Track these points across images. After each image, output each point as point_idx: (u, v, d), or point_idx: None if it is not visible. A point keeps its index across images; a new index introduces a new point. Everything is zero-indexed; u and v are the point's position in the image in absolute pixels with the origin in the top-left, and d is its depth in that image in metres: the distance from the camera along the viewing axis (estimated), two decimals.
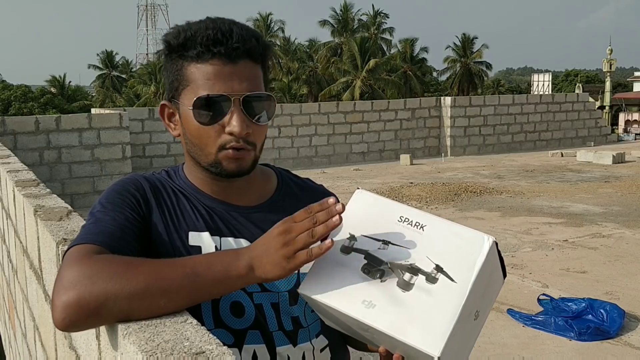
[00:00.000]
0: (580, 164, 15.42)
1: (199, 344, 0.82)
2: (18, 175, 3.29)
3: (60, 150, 11.86)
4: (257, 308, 1.18)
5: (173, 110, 1.22)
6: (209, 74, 1.13)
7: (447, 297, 0.96)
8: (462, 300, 0.96)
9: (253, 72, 1.16)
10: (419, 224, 1.04)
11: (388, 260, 1.01)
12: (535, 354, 4.58)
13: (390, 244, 1.03)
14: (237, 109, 1.13)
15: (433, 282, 0.98)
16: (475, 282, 0.97)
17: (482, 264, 0.98)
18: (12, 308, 3.46)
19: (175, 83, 1.18)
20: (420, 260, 1.00)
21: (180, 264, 0.98)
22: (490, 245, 1.00)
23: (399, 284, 0.99)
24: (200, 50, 1.13)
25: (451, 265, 0.99)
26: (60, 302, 0.93)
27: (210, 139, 1.15)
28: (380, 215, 1.07)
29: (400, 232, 1.04)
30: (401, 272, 0.99)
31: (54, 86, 50.24)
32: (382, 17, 48.13)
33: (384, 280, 0.99)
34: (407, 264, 1.00)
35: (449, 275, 0.98)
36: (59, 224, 1.81)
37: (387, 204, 1.09)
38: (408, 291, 0.98)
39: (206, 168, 1.20)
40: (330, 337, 1.28)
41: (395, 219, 1.06)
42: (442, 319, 0.94)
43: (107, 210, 1.13)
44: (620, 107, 39.15)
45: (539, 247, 7.49)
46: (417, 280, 0.98)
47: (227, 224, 1.21)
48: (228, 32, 1.13)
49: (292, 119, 16.38)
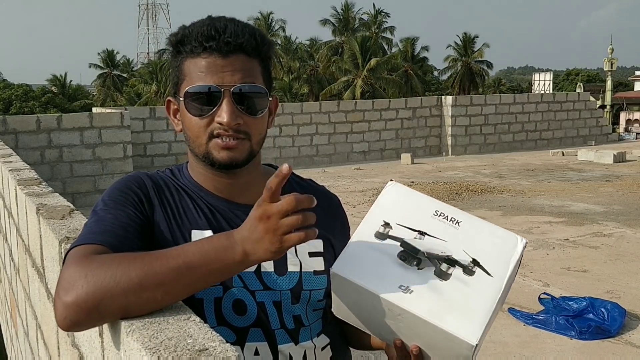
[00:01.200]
0: (581, 163, 15.41)
1: (202, 341, 0.82)
2: (20, 174, 3.30)
3: (62, 149, 11.87)
4: (259, 306, 1.18)
5: (176, 105, 1.24)
6: (201, 67, 1.16)
7: (484, 289, 0.99)
8: (498, 293, 0.99)
9: (247, 65, 1.17)
10: (455, 219, 1.06)
11: (425, 250, 1.02)
12: (536, 353, 4.58)
13: (426, 235, 1.05)
14: (227, 99, 1.15)
15: (470, 275, 1.00)
16: (509, 278, 1.01)
17: (516, 262, 1.02)
18: (14, 306, 3.46)
19: (175, 79, 1.22)
20: (457, 253, 1.02)
21: (173, 256, 0.97)
22: (524, 246, 1.04)
23: (437, 273, 1.00)
24: (194, 45, 1.16)
25: (487, 260, 1.01)
26: (61, 303, 0.94)
27: (202, 129, 1.17)
28: (415, 207, 1.09)
29: (436, 225, 1.06)
30: (438, 262, 1.01)
31: (55, 85, 50.24)
32: (383, 16, 48.11)
33: (421, 268, 1.01)
34: (444, 255, 1.02)
35: (486, 269, 1.00)
36: (61, 222, 1.81)
37: (422, 197, 1.11)
38: (446, 280, 0.99)
39: (202, 160, 1.21)
40: (332, 336, 1.29)
41: (430, 212, 1.08)
42: (480, 309, 0.97)
43: (109, 208, 1.14)
44: (621, 106, 39.13)
45: (540, 246, 7.48)
46: (454, 271, 1.00)
47: (229, 222, 1.21)
48: (222, 29, 1.16)
49: (293, 118, 16.38)
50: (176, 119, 1.26)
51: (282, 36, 47.72)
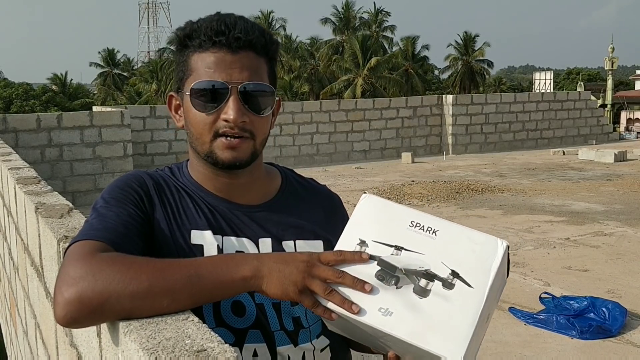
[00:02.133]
0: (582, 162, 15.41)
1: (200, 341, 0.81)
2: (19, 172, 3.29)
3: (62, 148, 11.87)
4: (258, 307, 1.17)
5: (179, 101, 1.22)
6: (209, 62, 1.14)
7: (465, 302, 0.96)
8: (480, 305, 0.96)
9: (255, 63, 1.16)
10: (431, 229, 1.03)
11: (402, 267, 1.00)
12: (537, 353, 4.58)
13: (403, 250, 1.02)
14: (234, 97, 1.13)
15: (450, 288, 0.97)
16: (492, 286, 0.97)
17: (498, 268, 0.99)
18: (14, 305, 3.46)
19: (180, 74, 1.19)
20: (435, 265, 0.99)
21: (185, 265, 0.97)
22: (504, 250, 1.00)
23: (416, 290, 0.98)
24: (202, 40, 1.14)
25: (467, 270, 0.98)
26: (62, 298, 0.93)
27: (207, 126, 1.15)
28: (390, 220, 1.06)
29: (412, 237, 1.03)
30: (417, 278, 0.98)
31: (55, 84, 50.24)
32: (384, 15, 48.08)
33: (399, 287, 0.98)
34: (422, 270, 0.99)
35: (466, 281, 0.98)
36: (60, 222, 1.80)
37: (397, 209, 1.07)
38: (425, 297, 0.97)
39: (204, 159, 1.19)
40: (332, 338, 1.27)
41: (406, 224, 1.04)
42: (462, 325, 0.94)
43: (110, 205, 1.12)
44: (622, 105, 39.10)
45: (540, 245, 7.48)
46: (433, 286, 0.97)
47: (229, 223, 1.21)
48: (232, 24, 1.14)
49: (294, 117, 16.37)
50: (178, 115, 1.24)
51: (283, 35, 47.69)
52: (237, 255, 1.01)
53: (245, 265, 0.98)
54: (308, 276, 0.97)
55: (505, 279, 1.07)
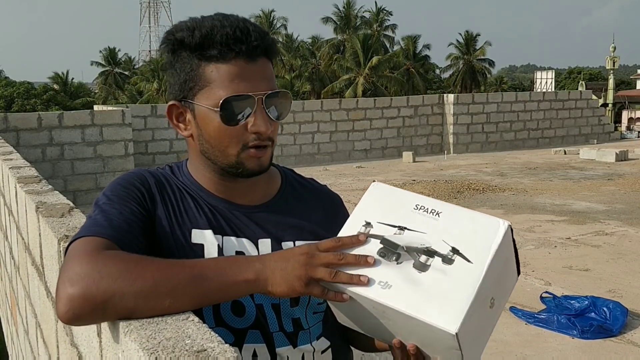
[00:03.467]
0: (583, 162, 15.41)
1: (200, 341, 0.82)
2: (20, 171, 3.29)
3: (63, 147, 11.88)
4: (257, 308, 1.17)
5: (183, 110, 1.19)
6: (232, 74, 1.11)
7: (463, 276, 0.98)
8: (478, 279, 0.97)
9: (270, 70, 1.16)
10: (435, 211, 1.06)
11: (404, 244, 1.02)
12: (538, 352, 4.58)
13: (406, 230, 1.05)
14: (260, 107, 1.13)
15: (449, 263, 0.99)
16: (491, 263, 0.99)
17: (498, 246, 1.00)
18: (15, 304, 3.46)
19: (189, 83, 1.14)
20: (437, 243, 1.02)
21: (189, 266, 0.98)
22: (506, 229, 1.02)
23: (415, 265, 1.00)
24: (221, 50, 1.11)
25: (467, 248, 1.00)
26: (66, 295, 0.92)
27: (234, 139, 1.14)
28: (396, 203, 1.09)
29: (416, 219, 1.06)
30: (417, 254, 1.01)
31: (56, 83, 50.31)
32: (385, 14, 48.09)
33: (400, 262, 1.00)
34: (423, 247, 1.02)
35: (465, 257, 0.99)
36: (60, 221, 1.80)
37: (403, 194, 1.11)
38: (424, 272, 0.99)
39: (225, 169, 1.18)
40: (332, 339, 1.27)
41: (411, 207, 1.08)
42: (459, 297, 0.95)
43: (112, 202, 1.12)
44: (623, 104, 39.07)
45: (541, 244, 7.48)
46: (433, 261, 1.00)
47: (229, 223, 1.21)
48: (246, 30, 1.12)
49: (295, 116, 16.37)
50: (181, 124, 1.21)
51: (284, 34, 47.71)
52: (240, 258, 1.01)
53: (248, 268, 0.99)
54: (311, 267, 0.98)
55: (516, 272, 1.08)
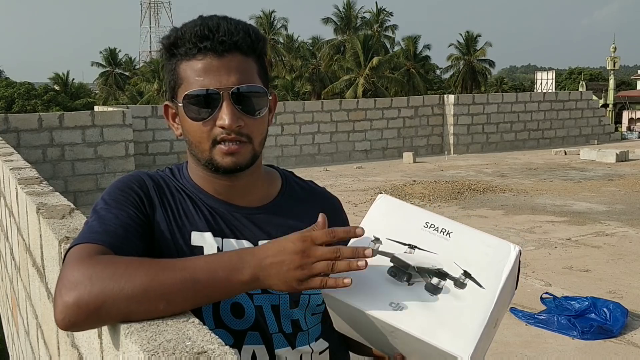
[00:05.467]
0: (583, 162, 15.40)
1: (200, 343, 0.82)
2: (21, 172, 3.29)
3: (64, 148, 11.88)
4: (257, 309, 1.17)
5: (175, 109, 1.21)
6: (197, 70, 1.13)
7: (476, 302, 0.97)
8: (490, 306, 0.97)
9: (243, 65, 1.14)
10: (445, 231, 1.04)
11: (415, 264, 1.00)
12: (538, 353, 4.58)
13: (416, 249, 1.03)
14: (227, 102, 1.12)
15: (461, 287, 0.98)
16: (502, 289, 0.98)
17: (510, 271, 1.00)
18: (15, 305, 3.46)
19: (172, 82, 1.18)
20: (448, 265, 1.00)
21: (180, 268, 0.96)
22: (517, 255, 1.01)
23: (427, 287, 0.98)
24: (188, 47, 1.13)
25: (479, 272, 0.99)
26: (61, 302, 0.93)
27: (204, 134, 1.15)
28: (405, 220, 1.07)
29: (426, 238, 1.04)
30: (429, 276, 0.99)
31: (57, 83, 50.32)
32: (385, 15, 48.07)
33: (411, 283, 0.99)
34: (435, 269, 1.00)
35: (477, 281, 0.98)
36: (61, 222, 1.80)
37: (412, 210, 1.09)
38: (436, 295, 0.98)
39: (206, 166, 1.19)
40: (331, 341, 1.28)
41: (420, 224, 1.05)
42: (472, 324, 0.95)
43: (110, 207, 1.13)
44: (623, 105, 39.07)
45: (542, 245, 7.47)
46: (445, 284, 0.98)
47: (229, 225, 1.21)
48: (215, 27, 1.13)
49: (295, 117, 16.37)
50: (175, 123, 1.23)
51: (284, 34, 47.69)
52: (233, 256, 0.99)
53: (243, 270, 0.97)
54: (307, 266, 0.96)
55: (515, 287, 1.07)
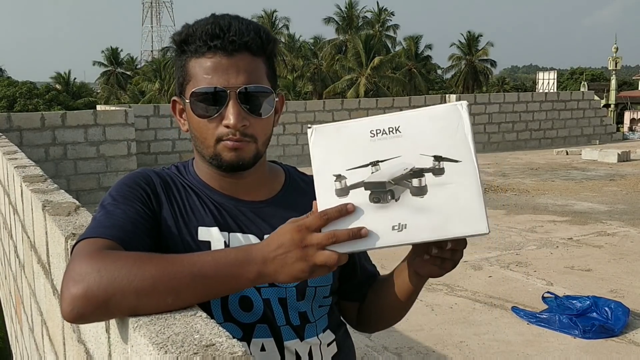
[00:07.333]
0: (585, 162, 15.39)
1: (209, 336, 0.83)
2: (25, 170, 3.31)
3: (66, 147, 11.89)
4: (265, 303, 1.19)
5: (183, 105, 1.23)
6: (206, 67, 1.14)
7: (461, 178, 0.96)
8: (475, 173, 0.96)
9: (252, 65, 1.16)
10: (393, 128, 1.00)
11: (388, 179, 0.97)
12: (540, 352, 4.58)
13: (379, 163, 0.99)
14: (233, 101, 1.14)
15: (441, 173, 0.96)
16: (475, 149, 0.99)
17: (470, 131, 0.99)
18: (19, 303, 3.47)
19: (180, 79, 1.20)
20: (417, 160, 0.97)
21: (189, 263, 0.97)
22: (466, 109, 1.00)
23: (413, 192, 0.97)
24: (198, 45, 1.15)
25: (447, 149, 0.97)
26: (69, 294, 0.94)
27: (209, 131, 1.16)
28: (350, 140, 1.01)
29: (380, 146, 0.99)
30: (407, 181, 0.97)
31: (58, 83, 50.37)
32: (387, 14, 48.06)
33: (397, 198, 0.97)
34: (409, 171, 0.97)
35: (451, 159, 0.97)
36: (67, 219, 1.82)
37: (351, 127, 1.02)
38: (425, 194, 0.96)
39: (210, 162, 1.20)
40: (337, 332, 1.29)
41: (367, 136, 1.00)
42: (471, 199, 0.95)
43: (118, 203, 1.14)
44: (625, 105, 39.02)
45: (543, 245, 7.48)
46: (426, 180, 0.97)
47: (235, 219, 1.22)
48: (226, 27, 1.14)
49: (297, 116, 16.37)
50: (182, 119, 1.25)
51: (286, 34, 47.67)
52: (239, 253, 0.99)
53: (249, 267, 0.97)
54: (310, 257, 0.96)
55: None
